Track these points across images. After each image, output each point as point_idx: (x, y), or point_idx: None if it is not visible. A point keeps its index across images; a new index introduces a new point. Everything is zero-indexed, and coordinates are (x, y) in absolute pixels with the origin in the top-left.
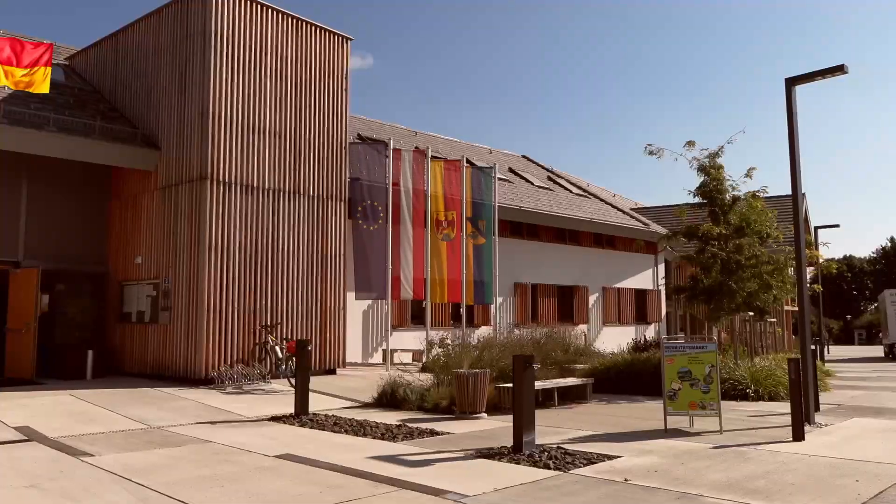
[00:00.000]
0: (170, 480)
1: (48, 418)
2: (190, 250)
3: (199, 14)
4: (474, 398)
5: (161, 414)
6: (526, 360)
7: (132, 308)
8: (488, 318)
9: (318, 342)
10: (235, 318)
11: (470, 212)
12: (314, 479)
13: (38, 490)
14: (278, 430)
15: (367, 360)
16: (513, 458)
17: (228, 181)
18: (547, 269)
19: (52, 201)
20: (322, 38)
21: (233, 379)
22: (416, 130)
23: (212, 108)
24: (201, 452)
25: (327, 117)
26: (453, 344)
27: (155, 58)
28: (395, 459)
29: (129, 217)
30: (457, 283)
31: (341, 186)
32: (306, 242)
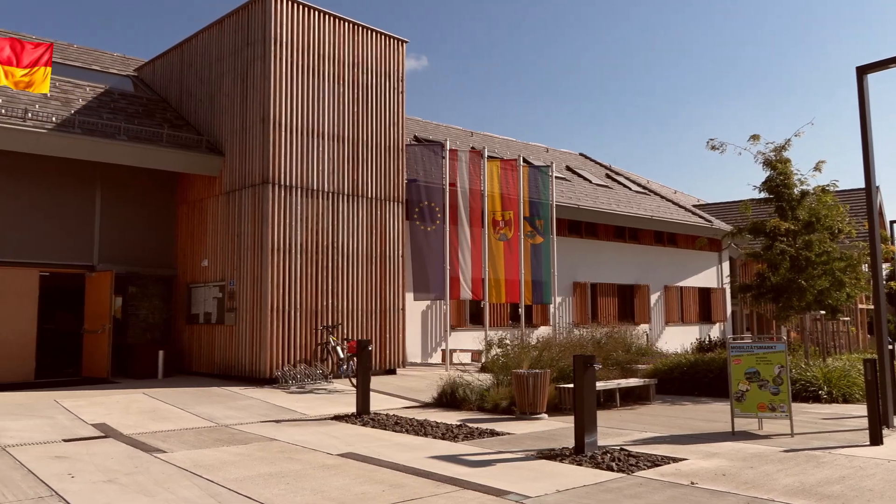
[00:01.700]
0: (237, 477)
1: (123, 416)
2: (253, 253)
3: (258, 22)
4: (534, 398)
5: (228, 412)
6: (587, 360)
7: (200, 309)
8: (547, 318)
9: (378, 342)
10: (298, 319)
11: (527, 211)
12: (376, 478)
13: (116, 485)
14: (341, 429)
15: (426, 361)
16: (574, 460)
17: (289, 185)
18: (606, 268)
19: (124, 207)
20: (378, 41)
21: (296, 378)
22: (472, 130)
23: (272, 114)
24: (267, 450)
25: (384, 119)
26: (512, 344)
27: (218, 66)
28: (456, 459)
29: (195, 221)
30: (515, 283)
31: (399, 188)
32: (365, 244)
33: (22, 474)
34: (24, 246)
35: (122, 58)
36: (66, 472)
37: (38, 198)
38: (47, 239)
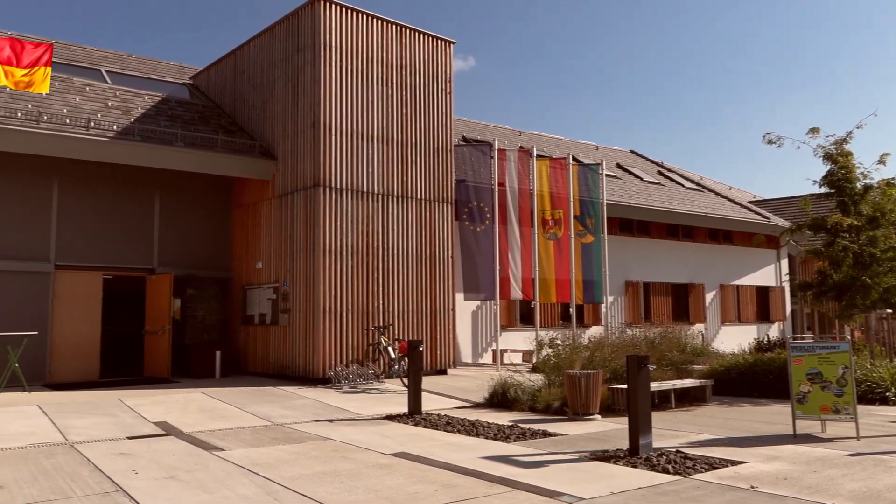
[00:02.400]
0: (293, 475)
1: (183, 414)
2: (306, 255)
3: (309, 28)
4: (587, 399)
5: (283, 412)
6: (640, 360)
7: (255, 311)
8: (598, 318)
9: (429, 343)
10: (349, 320)
11: (577, 210)
12: (429, 478)
13: (177, 481)
14: (393, 428)
15: (476, 361)
16: (629, 462)
17: (340, 187)
18: (659, 267)
19: (181, 211)
20: (426, 43)
21: (348, 378)
22: (521, 130)
23: (323, 118)
24: (321, 449)
25: (433, 121)
26: (563, 344)
27: (269, 72)
28: (508, 460)
29: (249, 224)
30: (565, 283)
31: (448, 188)
32: (415, 244)
33: (89, 470)
34: (88, 250)
35: (179, 66)
36: (130, 469)
37: (101, 204)
38: (110, 243)
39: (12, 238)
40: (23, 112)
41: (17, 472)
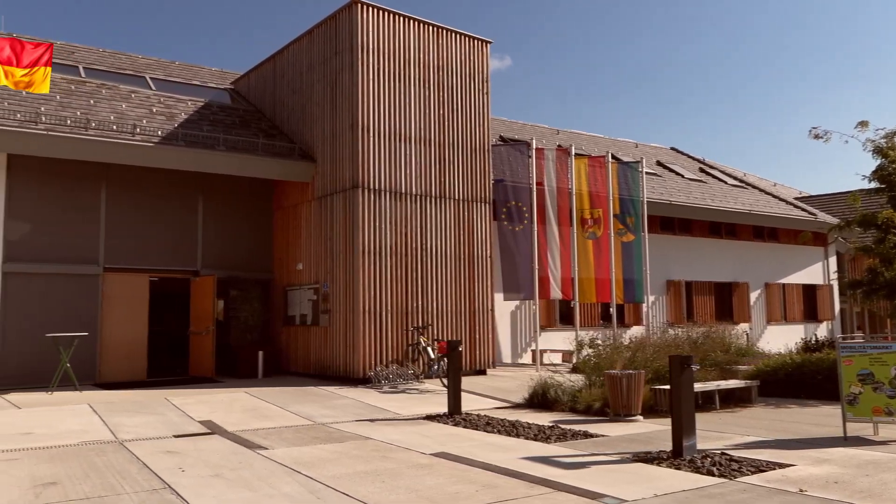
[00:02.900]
0: (335, 474)
1: (227, 413)
2: (345, 256)
3: (346, 31)
4: (628, 400)
5: (324, 411)
6: (683, 360)
7: (296, 311)
8: (640, 318)
9: (468, 343)
10: (388, 320)
11: (617, 208)
12: (469, 478)
13: (222, 479)
14: (433, 428)
15: (516, 361)
16: (672, 463)
17: (378, 188)
18: (702, 265)
19: (224, 214)
20: (462, 43)
21: (388, 378)
22: (558, 129)
23: (361, 120)
24: (362, 448)
25: (470, 121)
26: (604, 344)
27: (308, 76)
28: (548, 461)
29: (290, 226)
30: (605, 282)
31: (485, 188)
32: (453, 245)
33: (138, 467)
34: (135, 253)
35: (220, 72)
36: (177, 466)
37: (146, 207)
38: (155, 246)
39: (64, 242)
40: (72, 119)
41: (70, 468)
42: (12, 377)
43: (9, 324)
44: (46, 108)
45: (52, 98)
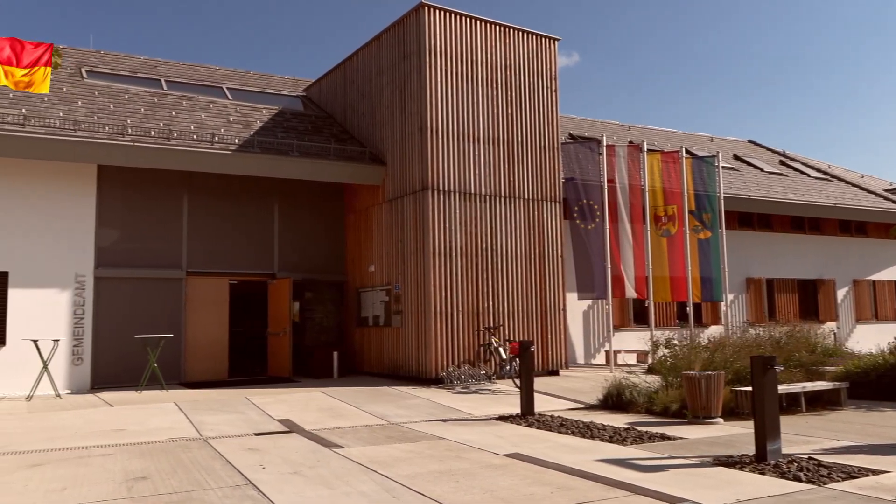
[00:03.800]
0: (409, 473)
1: (304, 412)
2: (416, 257)
3: (414, 34)
4: (707, 402)
5: (398, 411)
6: (766, 361)
7: (368, 313)
8: (718, 317)
9: (540, 343)
10: (460, 321)
11: (692, 204)
12: (544, 480)
13: (301, 477)
14: (506, 429)
15: (589, 362)
16: (756, 468)
17: (448, 189)
18: (784, 262)
19: (298, 218)
20: (529, 41)
21: (460, 379)
22: (629, 124)
23: (429, 122)
24: (435, 448)
25: (538, 120)
26: (680, 344)
27: (377, 80)
28: (625, 463)
29: (362, 229)
30: (681, 281)
31: (555, 187)
32: (524, 244)
33: (221, 464)
34: (215, 257)
35: (293, 80)
36: (258, 464)
37: (225, 213)
38: (234, 250)
39: (149, 247)
40: (155, 131)
41: (159, 464)
42: (105, 376)
43: (101, 326)
44: (132, 121)
45: (137, 111)
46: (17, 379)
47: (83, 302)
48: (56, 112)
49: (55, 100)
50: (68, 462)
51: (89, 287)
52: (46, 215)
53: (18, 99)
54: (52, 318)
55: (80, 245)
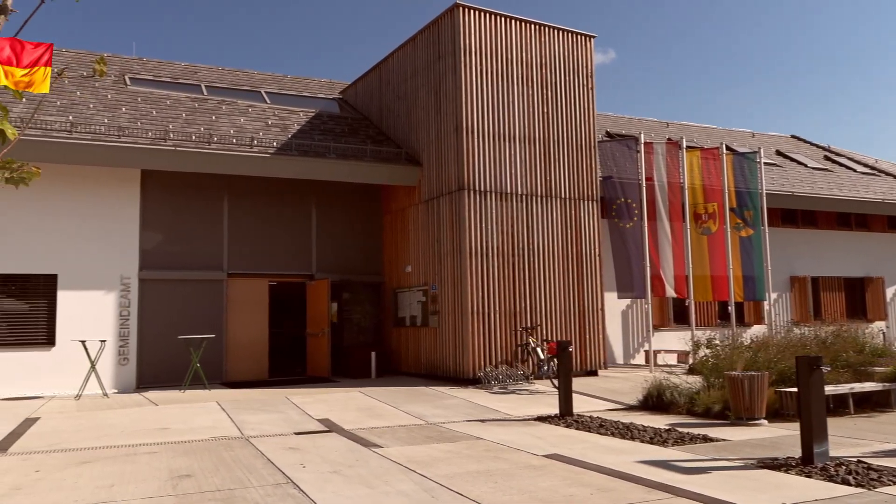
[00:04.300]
0: (448, 473)
1: (343, 412)
2: (453, 257)
3: (448, 35)
4: (751, 403)
5: (435, 411)
6: (812, 361)
7: (405, 313)
8: (760, 316)
9: (578, 343)
10: (497, 321)
11: (733, 202)
12: (583, 481)
13: (340, 476)
14: (544, 429)
15: (628, 362)
16: (802, 471)
17: (484, 189)
18: (829, 260)
19: (336, 220)
20: (565, 39)
21: (498, 379)
22: (668, 121)
23: (465, 122)
24: (474, 448)
25: (575, 118)
26: (722, 344)
27: (413, 81)
28: (666, 465)
29: (398, 229)
30: (722, 279)
31: (593, 186)
32: (561, 244)
33: (262, 462)
34: (255, 259)
35: (329, 83)
36: (298, 462)
37: (264, 215)
38: (273, 252)
39: (191, 249)
40: (196, 135)
41: (202, 462)
42: (149, 376)
43: (145, 327)
44: (173, 126)
45: (178, 116)
46: (66, 378)
47: (128, 303)
48: (101, 119)
49: (100, 107)
50: (116, 459)
51: (134, 289)
52: (93, 219)
53: (66, 107)
54: (98, 320)
55: (125, 248)
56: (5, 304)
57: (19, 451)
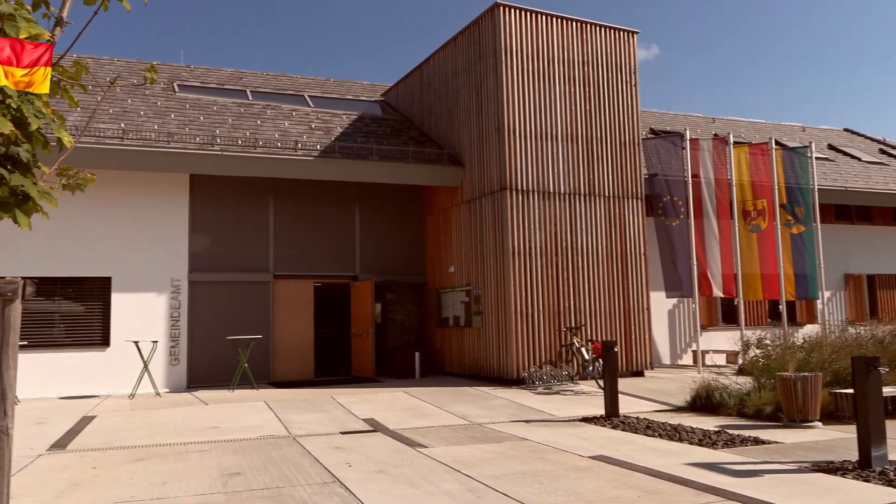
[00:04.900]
0: (493, 474)
1: (387, 412)
2: (495, 257)
3: (489, 35)
4: (804, 404)
5: (480, 411)
6: (869, 361)
7: (449, 313)
8: (813, 315)
9: (623, 343)
10: (540, 321)
11: (783, 198)
12: (630, 483)
13: (386, 475)
14: (589, 430)
15: (675, 362)
16: (859, 475)
17: (526, 189)
18: (887, 256)
19: (379, 221)
20: (607, 36)
21: (542, 379)
22: (714, 117)
23: (506, 122)
24: (518, 449)
25: (618, 115)
26: (773, 344)
27: (454, 82)
28: (716, 468)
29: (441, 230)
30: (773, 278)
31: (636, 184)
32: (605, 242)
33: (309, 461)
34: (300, 261)
35: (371, 85)
36: (345, 462)
37: (309, 217)
38: (317, 253)
39: (238, 252)
40: (242, 140)
41: (251, 460)
42: (199, 376)
43: (195, 328)
44: (220, 131)
45: (225, 121)
46: (120, 378)
47: (178, 305)
48: (151, 125)
49: (151, 113)
50: (168, 457)
51: (184, 291)
52: (144, 223)
53: (118, 114)
54: (150, 321)
55: (175, 251)
56: (63, 307)
57: (77, 448)
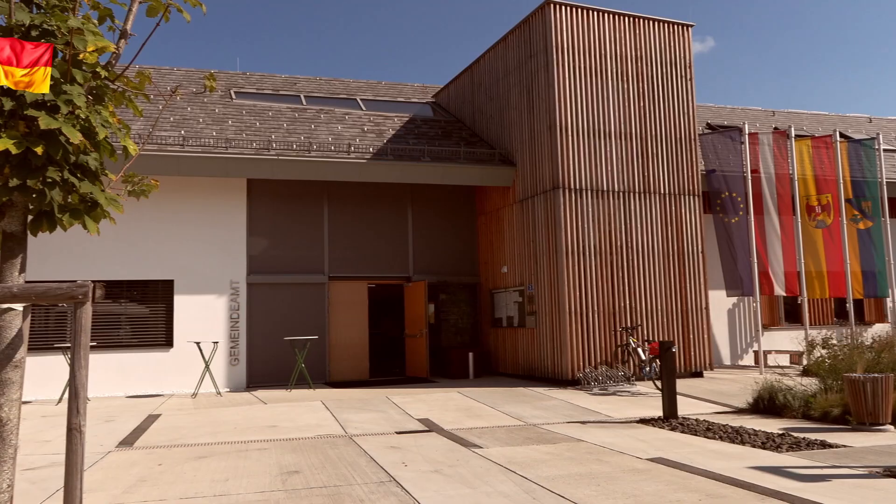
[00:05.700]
0: (548, 475)
1: (442, 412)
2: (549, 257)
3: (540, 33)
4: (874, 407)
5: (534, 412)
6: None
7: (502, 314)
8: (883, 314)
9: (681, 343)
10: (595, 320)
11: (849, 192)
12: (690, 486)
13: (441, 475)
14: (647, 432)
15: (735, 363)
16: None
17: (579, 187)
18: None
19: (431, 222)
20: (661, 30)
21: (597, 380)
22: (773, 110)
23: (558, 120)
24: (574, 450)
25: (673, 110)
26: (840, 344)
27: (504, 81)
28: (781, 472)
29: (493, 230)
30: (839, 275)
31: (694, 180)
32: (661, 241)
33: (366, 460)
34: (354, 262)
35: (421, 87)
36: (400, 461)
37: (362, 219)
38: (371, 254)
39: (294, 254)
40: (297, 144)
41: (309, 459)
42: (258, 376)
43: (254, 329)
44: (276, 136)
45: (280, 126)
46: (183, 377)
47: (237, 307)
48: (210, 132)
49: (209, 120)
50: (230, 455)
51: (243, 293)
52: (204, 227)
53: (178, 122)
54: (211, 322)
55: (234, 254)
56: (129, 309)
57: (144, 445)
